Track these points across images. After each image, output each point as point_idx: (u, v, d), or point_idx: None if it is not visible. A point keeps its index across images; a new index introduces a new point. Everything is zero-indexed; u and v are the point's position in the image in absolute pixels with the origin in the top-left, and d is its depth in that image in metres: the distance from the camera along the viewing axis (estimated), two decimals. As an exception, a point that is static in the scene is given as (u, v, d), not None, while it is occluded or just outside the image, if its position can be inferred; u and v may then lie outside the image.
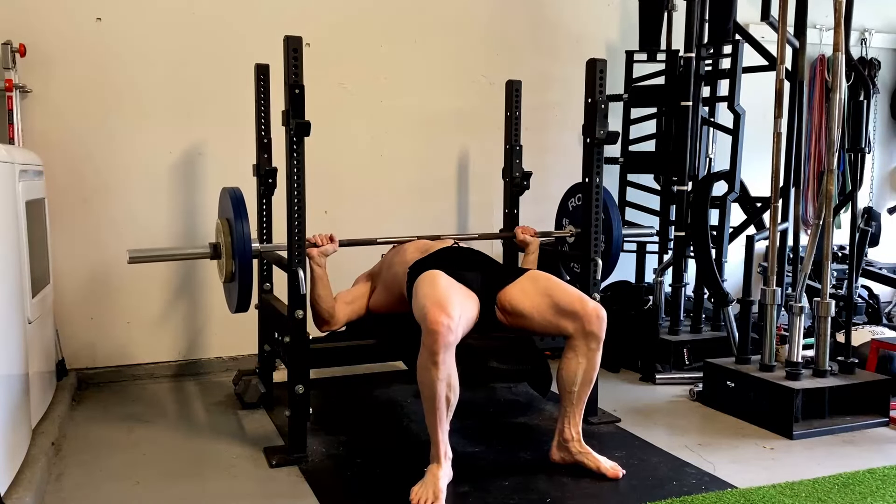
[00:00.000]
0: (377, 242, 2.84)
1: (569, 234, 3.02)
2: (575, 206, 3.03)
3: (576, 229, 2.97)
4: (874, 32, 4.55)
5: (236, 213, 2.40)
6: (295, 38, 2.32)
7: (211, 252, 2.52)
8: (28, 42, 3.01)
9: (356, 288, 2.83)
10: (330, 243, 2.58)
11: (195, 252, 2.60)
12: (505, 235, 3.17)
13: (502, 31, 3.79)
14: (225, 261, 2.46)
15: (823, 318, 2.79)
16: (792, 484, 2.25)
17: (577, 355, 2.33)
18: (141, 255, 2.45)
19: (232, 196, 2.44)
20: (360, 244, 2.78)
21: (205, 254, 2.53)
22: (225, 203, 2.53)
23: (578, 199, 3.00)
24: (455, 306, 2.16)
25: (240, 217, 2.39)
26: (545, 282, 2.43)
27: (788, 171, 3.38)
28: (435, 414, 2.14)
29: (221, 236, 2.49)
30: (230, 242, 2.42)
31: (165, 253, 2.72)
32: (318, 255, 2.53)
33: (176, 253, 2.78)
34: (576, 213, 3.01)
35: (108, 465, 2.41)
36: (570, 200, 3.09)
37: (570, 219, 3.06)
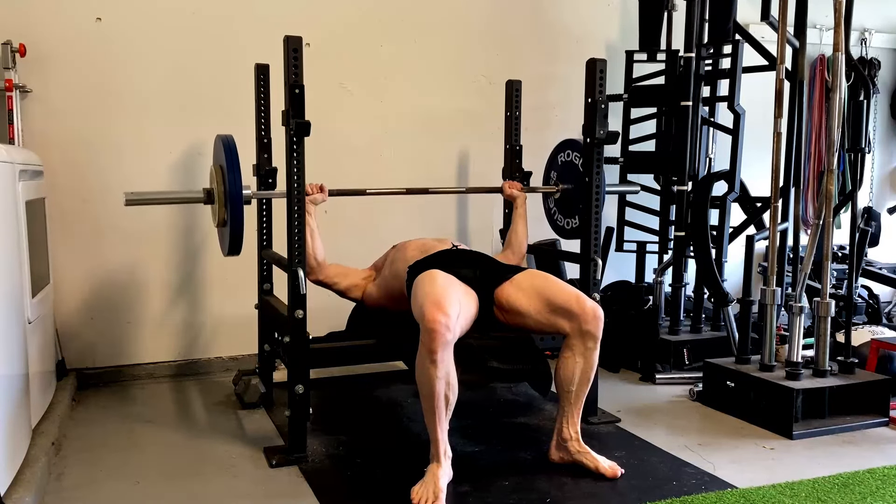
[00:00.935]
0: (366, 193, 2.96)
1: (555, 190, 3.08)
2: (564, 161, 3.06)
3: (562, 185, 3.04)
4: (874, 32, 4.55)
5: (228, 160, 2.43)
6: (295, 38, 2.32)
7: (204, 197, 2.55)
8: (28, 42, 3.01)
9: (355, 269, 2.90)
10: (320, 193, 2.71)
11: (190, 196, 2.65)
12: (494, 190, 3.19)
13: (502, 31, 3.79)
14: (217, 206, 2.50)
15: (823, 318, 2.79)
16: (792, 484, 2.25)
17: (575, 354, 2.33)
18: (138, 197, 2.49)
19: (225, 143, 2.46)
20: (349, 194, 2.91)
21: (199, 198, 2.57)
22: (218, 150, 2.56)
23: (567, 155, 3.04)
24: (453, 305, 2.16)
25: (232, 164, 2.43)
26: (542, 280, 2.44)
27: (788, 171, 3.38)
28: (434, 413, 2.15)
29: (215, 183, 2.52)
30: (223, 189, 2.45)
31: (161, 196, 2.76)
32: (307, 204, 2.59)
33: (171, 196, 2.84)
34: (564, 167, 3.06)
35: (108, 464, 2.41)
36: (559, 155, 3.11)
37: (559, 173, 3.09)
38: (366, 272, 2.90)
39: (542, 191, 3.15)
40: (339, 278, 2.83)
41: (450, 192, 3.17)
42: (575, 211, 2.95)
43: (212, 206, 2.57)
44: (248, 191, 2.51)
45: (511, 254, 3.03)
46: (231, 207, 2.43)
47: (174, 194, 2.94)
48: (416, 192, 3.10)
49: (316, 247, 2.70)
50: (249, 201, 2.54)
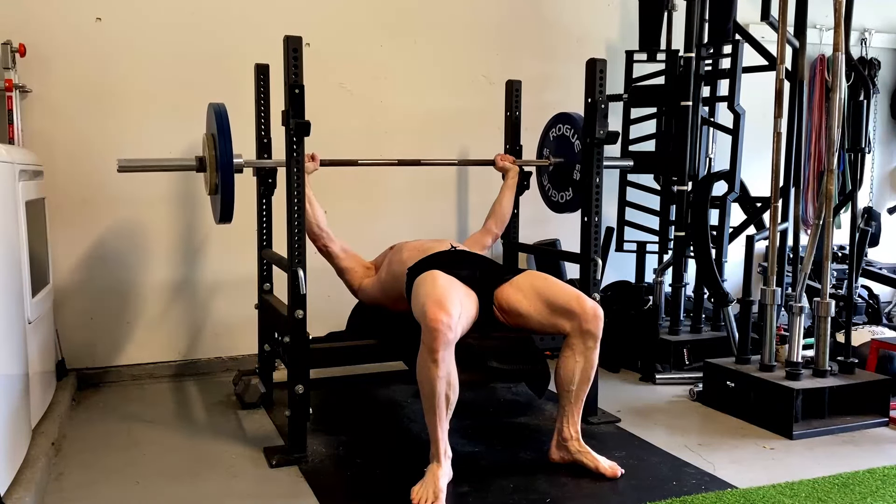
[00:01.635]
0: (358, 164, 2.97)
1: (547, 163, 3.11)
2: (556, 135, 3.10)
3: (555, 158, 3.07)
4: (874, 32, 4.55)
5: (220, 128, 2.45)
6: (295, 38, 2.32)
7: (197, 165, 2.57)
8: (28, 42, 3.01)
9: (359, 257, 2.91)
10: (311, 162, 2.71)
11: (182, 164, 2.66)
12: (485, 162, 3.21)
13: (502, 31, 3.79)
14: (209, 173, 2.52)
15: (823, 318, 2.79)
16: (792, 484, 2.25)
17: (575, 354, 2.33)
18: (130, 164, 2.50)
19: (216, 112, 2.49)
20: (341, 164, 2.91)
21: (191, 166, 2.58)
22: (210, 119, 2.57)
23: (559, 129, 3.08)
24: (454, 305, 2.16)
25: (223, 131, 2.45)
26: (542, 280, 2.44)
27: (788, 171, 3.38)
28: (434, 412, 2.15)
29: (207, 150, 2.52)
30: (214, 156, 2.46)
31: (154, 163, 2.76)
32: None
33: (164, 164, 2.83)
34: (556, 141, 3.09)
35: (108, 464, 2.41)
36: (551, 130, 3.14)
37: (551, 148, 3.13)
38: (368, 263, 2.91)
39: (534, 164, 3.18)
40: (343, 254, 2.84)
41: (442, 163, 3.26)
42: (567, 184, 2.97)
43: (204, 173, 2.59)
44: (240, 159, 2.53)
45: (493, 223, 3.07)
46: (222, 174, 2.45)
47: (167, 162, 2.92)
48: (407, 164, 3.11)
49: (316, 213, 2.72)
50: (241, 169, 2.57)
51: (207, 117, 2.63)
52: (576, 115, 2.95)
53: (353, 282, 2.86)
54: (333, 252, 2.82)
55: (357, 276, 2.85)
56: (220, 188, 2.48)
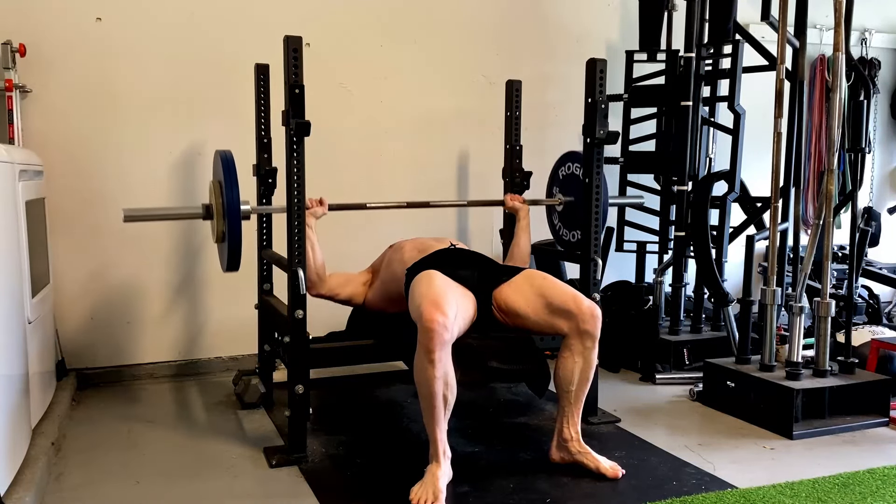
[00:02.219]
0: (366, 207, 2.92)
1: (558, 202, 3.06)
2: (565, 174, 3.05)
3: (565, 198, 3.01)
4: (874, 32, 4.55)
5: (226, 176, 2.42)
6: (295, 38, 2.32)
7: (203, 213, 2.54)
8: (28, 42, 3.01)
9: (354, 274, 2.88)
10: (319, 206, 2.67)
11: (188, 212, 2.64)
12: (495, 203, 3.18)
13: (502, 31, 3.79)
14: (216, 221, 2.49)
15: (823, 318, 2.79)
16: (792, 484, 2.25)
17: (574, 354, 2.33)
18: (136, 213, 2.49)
19: (223, 159, 2.46)
20: (349, 208, 2.87)
21: (197, 214, 2.56)
22: (217, 166, 2.55)
23: (568, 168, 3.03)
24: (450, 305, 2.16)
25: (230, 179, 2.42)
26: (540, 280, 2.44)
27: (788, 171, 3.38)
28: (433, 413, 2.15)
29: (213, 198, 2.51)
30: (221, 203, 2.45)
31: (160, 212, 2.77)
32: (308, 217, 2.58)
33: (170, 212, 2.83)
34: (566, 181, 3.04)
35: (108, 464, 2.41)
36: (560, 169, 3.10)
37: (560, 187, 3.07)
38: (365, 275, 2.89)
39: (544, 203, 3.11)
40: (339, 289, 2.80)
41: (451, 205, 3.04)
42: (578, 223, 2.92)
43: (210, 221, 2.56)
44: (246, 206, 2.48)
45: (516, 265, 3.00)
46: (229, 223, 2.41)
47: (173, 210, 2.91)
48: (416, 206, 3.06)
49: (317, 261, 2.66)
50: (248, 216, 2.51)
51: (214, 164, 2.59)
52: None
53: (358, 302, 2.85)
54: (331, 293, 2.79)
55: (360, 295, 2.83)
56: (228, 237, 2.43)
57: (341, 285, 2.81)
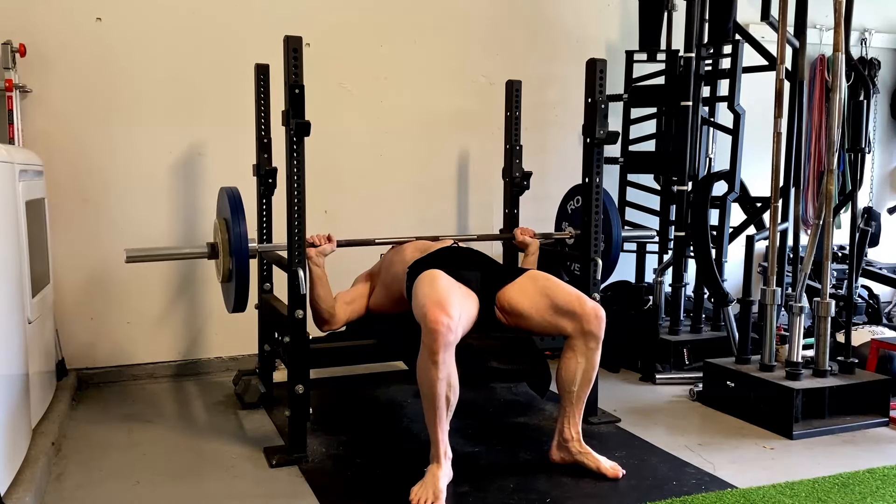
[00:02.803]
0: (375, 243, 2.85)
1: (568, 235, 3.02)
2: (574, 208, 3.03)
3: (575, 231, 2.98)
4: (874, 32, 4.55)
5: (233, 213, 2.40)
6: (295, 38, 2.32)
7: (208, 252, 2.52)
8: (28, 42, 3.01)
9: (356, 288, 2.84)
10: (328, 243, 2.60)
11: (193, 252, 2.61)
12: (504, 237, 3.17)
13: (502, 31, 3.79)
14: (222, 260, 2.47)
15: (823, 318, 2.79)
16: (792, 484, 2.25)
17: (576, 355, 2.33)
18: (138, 254, 2.46)
19: (229, 196, 2.44)
20: (358, 244, 2.80)
21: (202, 253, 2.53)
22: (222, 203, 2.54)
23: (577, 202, 2.99)
24: (455, 306, 2.16)
25: (237, 217, 2.40)
26: (544, 281, 2.43)
27: (788, 171, 3.38)
28: (435, 413, 2.14)
29: (219, 236, 2.50)
30: (227, 242, 2.42)
31: (163, 253, 2.71)
32: (316, 255, 2.54)
33: (174, 252, 2.78)
34: (575, 215, 3.01)
35: (108, 464, 2.41)
36: (568, 203, 3.09)
37: (570, 221, 3.06)
38: (364, 287, 2.84)
39: (555, 237, 3.06)
40: (349, 314, 2.73)
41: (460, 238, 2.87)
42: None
43: (215, 260, 2.53)
44: (252, 244, 2.44)
45: None
46: (236, 262, 2.38)
47: (177, 250, 2.86)
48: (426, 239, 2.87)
49: (327, 299, 2.60)
50: (254, 255, 2.47)
51: (219, 201, 2.57)
52: None
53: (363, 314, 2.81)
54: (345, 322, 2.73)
55: (365, 307, 2.80)
56: (235, 276, 2.39)
57: (348, 306, 2.73)
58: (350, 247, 2.73)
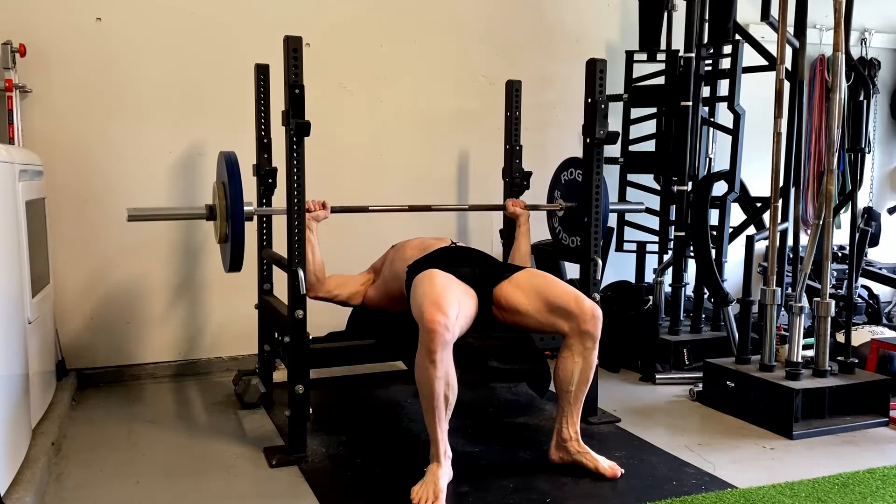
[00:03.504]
0: (368, 210, 2.94)
1: (559, 207, 3.04)
2: (567, 179, 3.05)
3: (566, 203, 3.00)
4: (874, 32, 4.55)
5: (230, 176, 2.45)
6: (295, 38, 2.32)
7: (207, 213, 2.56)
8: (28, 42, 3.01)
9: (352, 275, 2.89)
10: (322, 209, 2.68)
11: (192, 213, 2.66)
12: (496, 207, 3.18)
13: (502, 31, 3.79)
14: (219, 222, 2.51)
15: (823, 318, 2.79)
16: (792, 484, 2.25)
17: (574, 354, 2.33)
18: (140, 213, 2.50)
19: (227, 160, 2.49)
20: (351, 211, 2.87)
21: (201, 214, 2.58)
22: (221, 167, 2.57)
23: (570, 174, 3.02)
24: (452, 304, 2.16)
25: (233, 180, 2.44)
26: (541, 280, 2.44)
27: (788, 171, 3.38)
28: (434, 413, 2.15)
29: (217, 198, 2.52)
30: (224, 204, 2.46)
31: (163, 212, 2.78)
32: (309, 220, 2.58)
33: (174, 212, 2.85)
34: (568, 186, 3.03)
35: (108, 464, 2.41)
36: (562, 174, 3.10)
37: (562, 192, 3.07)
38: (364, 276, 2.90)
39: (545, 209, 3.10)
40: (338, 290, 2.81)
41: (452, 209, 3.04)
42: (578, 229, 2.89)
43: (213, 222, 2.57)
44: (249, 207, 2.50)
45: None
46: (232, 224, 2.43)
47: (176, 211, 2.93)
48: (418, 210, 3.06)
49: (317, 263, 2.67)
50: (251, 218, 2.54)
51: (218, 165, 2.61)
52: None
53: (357, 303, 2.86)
54: (330, 295, 2.80)
55: (359, 295, 2.85)
56: (231, 238, 2.45)
57: (340, 286, 2.82)
58: (344, 213, 2.80)
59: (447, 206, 3.10)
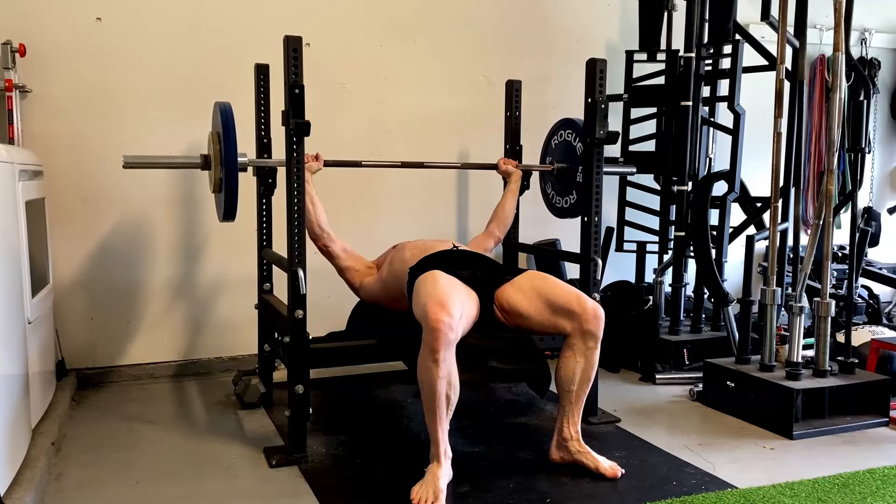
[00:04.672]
0: (361, 165, 2.97)
1: (551, 168, 3.10)
2: (558, 142, 3.10)
3: (558, 164, 3.06)
4: (874, 32, 4.55)
5: (224, 126, 2.46)
6: (295, 38, 2.32)
7: (201, 162, 2.58)
8: (28, 42, 3.01)
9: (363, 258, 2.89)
10: (315, 161, 2.72)
11: (187, 161, 2.68)
12: (487, 166, 3.21)
13: (502, 31, 3.79)
14: (214, 170, 2.53)
15: (823, 318, 2.79)
16: (792, 484, 2.25)
17: (575, 354, 2.33)
18: (136, 160, 2.50)
19: (222, 110, 2.50)
20: (343, 165, 2.90)
21: (195, 163, 2.59)
22: (216, 117, 2.57)
23: (560, 136, 3.07)
24: (456, 305, 2.16)
25: (227, 129, 2.46)
26: (542, 281, 2.44)
27: (788, 171, 3.38)
28: (435, 413, 2.15)
29: (211, 148, 2.53)
30: (219, 152, 2.48)
31: (159, 160, 2.79)
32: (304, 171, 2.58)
33: (169, 161, 2.85)
34: (560, 147, 3.08)
35: (108, 464, 2.41)
36: (553, 138, 3.14)
37: (554, 154, 3.13)
38: (370, 263, 2.89)
39: (537, 169, 3.17)
40: (343, 254, 2.82)
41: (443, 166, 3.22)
42: (570, 188, 2.97)
43: (208, 171, 2.60)
44: (244, 158, 2.54)
45: (496, 226, 3.07)
46: (226, 172, 2.46)
47: (172, 159, 2.93)
48: (410, 166, 3.09)
49: (318, 213, 2.71)
50: (245, 168, 2.58)
51: (213, 115, 2.64)
52: (578, 121, 2.93)
53: (353, 280, 2.85)
54: (334, 252, 2.80)
55: (358, 274, 2.84)
56: (224, 186, 2.48)
57: (345, 252, 2.82)
58: (336, 167, 2.83)
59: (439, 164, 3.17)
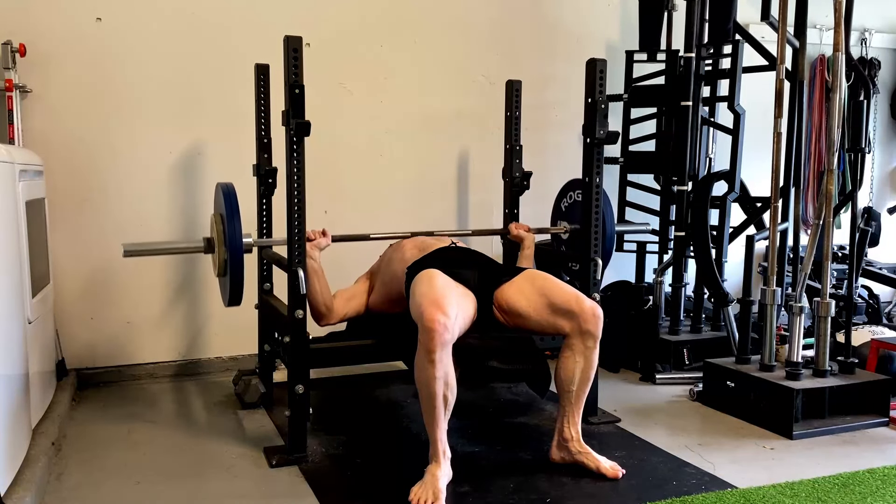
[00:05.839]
0: (370, 238, 2.88)
1: (563, 230, 3.02)
2: (567, 205, 3.04)
3: (571, 226, 2.98)
4: (874, 32, 4.55)
5: (228, 208, 2.41)
6: (295, 38, 2.32)
7: (205, 246, 2.53)
8: (28, 42, 3.01)
9: (356, 285, 2.85)
10: (323, 237, 2.64)
11: (189, 246, 2.62)
12: (499, 231, 3.18)
13: (502, 31, 3.79)
14: (218, 255, 2.48)
15: (823, 318, 2.79)
16: (792, 484, 2.25)
17: (575, 354, 2.33)
18: (136, 248, 2.47)
19: (224, 191, 2.45)
20: (352, 239, 2.83)
21: (198, 248, 2.54)
22: (218, 198, 2.54)
23: (570, 198, 3.01)
24: (451, 305, 2.16)
25: (231, 212, 2.41)
26: (542, 281, 2.44)
27: (788, 171, 3.38)
28: (433, 413, 2.15)
29: (215, 231, 2.51)
30: (222, 236, 2.43)
31: (160, 247, 2.73)
32: (310, 249, 2.55)
33: (170, 247, 2.81)
34: (569, 211, 3.02)
35: (108, 464, 2.41)
36: (562, 201, 3.09)
37: (565, 219, 3.06)
38: (364, 284, 2.85)
39: (550, 232, 3.07)
40: (347, 310, 2.75)
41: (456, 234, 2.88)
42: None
43: (212, 255, 2.54)
44: (248, 239, 2.47)
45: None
46: (231, 258, 2.40)
47: (174, 244, 2.88)
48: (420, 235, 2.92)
49: (324, 293, 2.62)
50: (250, 250, 2.50)
51: (215, 197, 2.58)
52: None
53: (363, 312, 2.82)
54: (344, 318, 2.75)
55: (364, 304, 2.81)
56: (230, 269, 2.41)
57: (348, 302, 2.76)
58: (345, 242, 2.75)
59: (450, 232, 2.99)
